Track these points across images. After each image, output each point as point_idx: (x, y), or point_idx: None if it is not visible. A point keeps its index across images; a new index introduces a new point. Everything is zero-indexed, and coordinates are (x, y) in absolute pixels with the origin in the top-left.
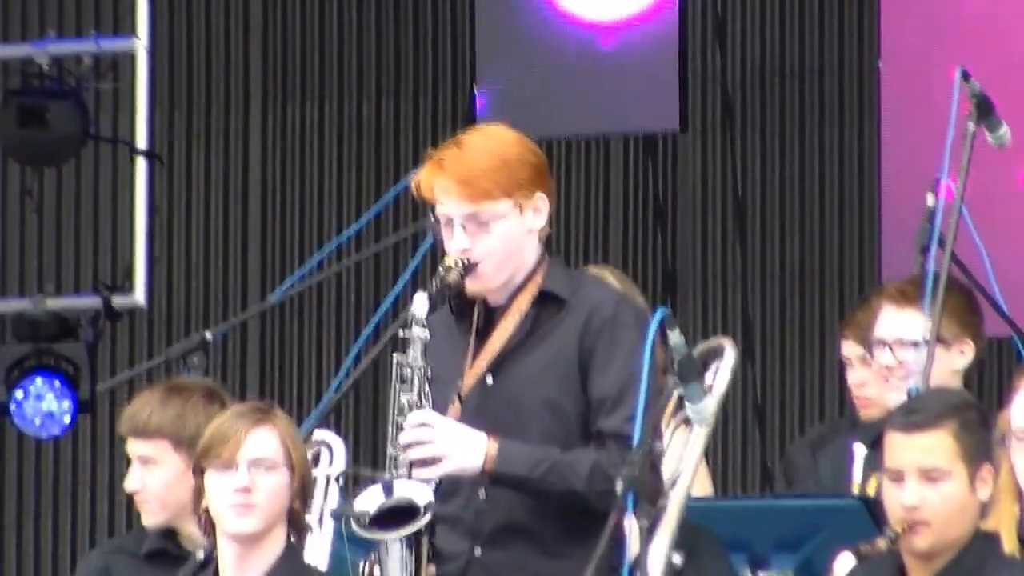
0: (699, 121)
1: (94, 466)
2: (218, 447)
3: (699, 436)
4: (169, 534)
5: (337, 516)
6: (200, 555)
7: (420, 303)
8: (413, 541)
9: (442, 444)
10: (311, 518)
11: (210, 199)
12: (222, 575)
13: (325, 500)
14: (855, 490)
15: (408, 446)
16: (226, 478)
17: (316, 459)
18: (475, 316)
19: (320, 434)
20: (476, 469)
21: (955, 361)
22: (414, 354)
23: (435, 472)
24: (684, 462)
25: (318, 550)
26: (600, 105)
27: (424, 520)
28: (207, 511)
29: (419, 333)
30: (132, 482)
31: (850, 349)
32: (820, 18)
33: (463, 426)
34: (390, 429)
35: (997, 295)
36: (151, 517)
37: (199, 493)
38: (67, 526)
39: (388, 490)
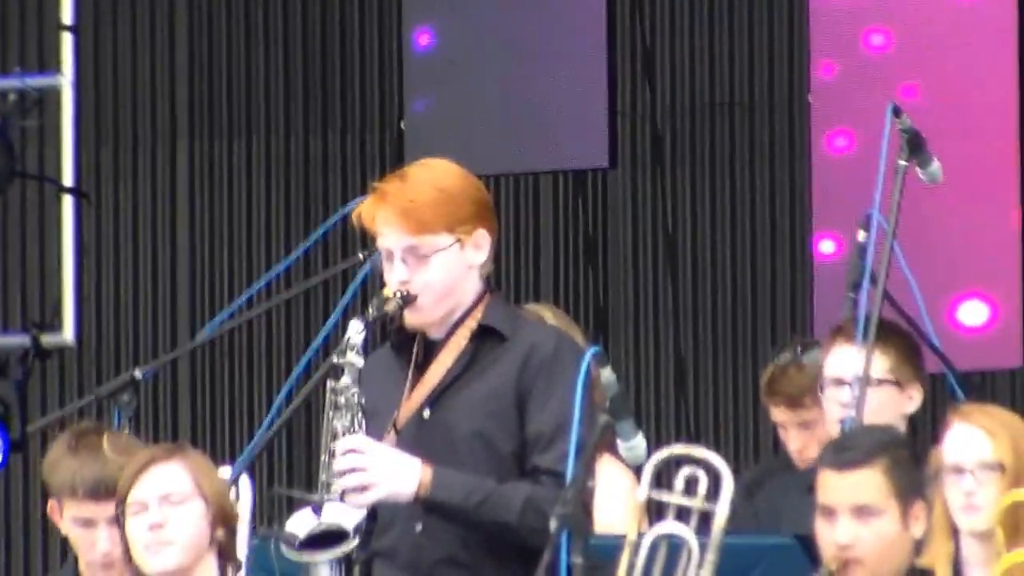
0: (628, 157)
1: (27, 506)
2: (127, 491)
3: (708, 564)
4: None
5: (268, 538)
6: None
7: (355, 330)
8: (343, 566)
9: (374, 470)
10: None
11: (138, 236)
12: None
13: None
14: None
15: (341, 473)
16: (140, 519)
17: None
18: (415, 350)
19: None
20: (409, 496)
21: (905, 405)
22: (347, 380)
23: (367, 499)
24: None
25: None
26: (529, 142)
27: (352, 544)
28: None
29: (353, 359)
30: (105, 544)
31: (781, 416)
32: (750, 52)
33: (396, 451)
34: (323, 456)
35: (930, 331)
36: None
37: (127, 544)
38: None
39: (318, 513)
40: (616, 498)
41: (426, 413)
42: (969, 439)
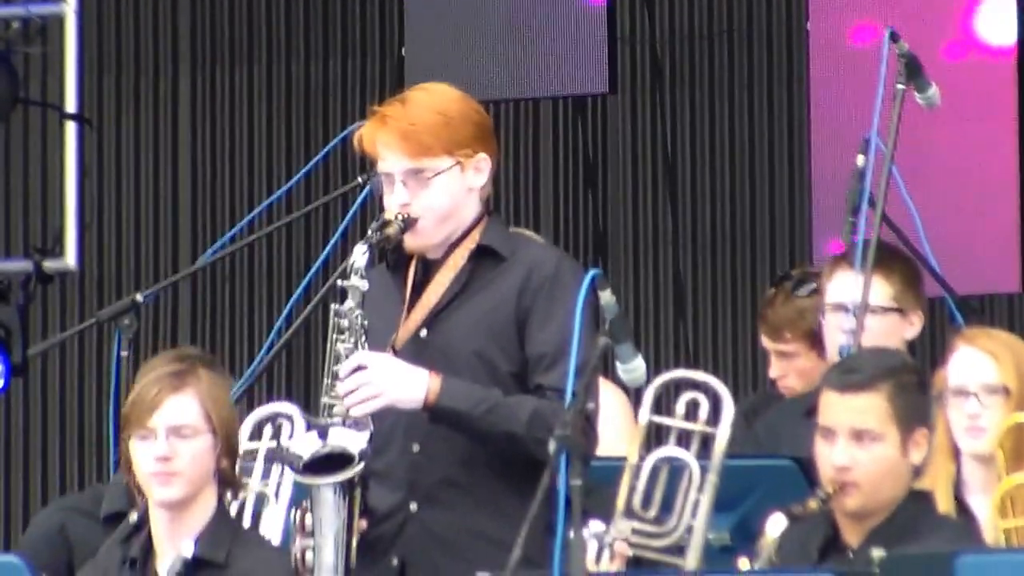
0: (628, 82)
1: (27, 429)
2: (137, 414)
3: (709, 486)
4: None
5: (270, 459)
6: (133, 517)
7: (359, 253)
8: (346, 490)
9: (380, 379)
10: (269, 490)
11: (140, 162)
12: (155, 538)
13: (283, 474)
14: None
15: (348, 394)
16: (146, 446)
17: (278, 432)
18: (411, 270)
19: (279, 406)
20: (418, 403)
21: (907, 331)
22: (351, 303)
23: (375, 405)
24: (697, 515)
25: (274, 522)
26: (530, 67)
27: (358, 468)
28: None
29: (357, 283)
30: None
31: (765, 342)
32: None
33: (402, 362)
34: (325, 379)
35: (929, 255)
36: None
37: (127, 460)
38: None
39: (323, 437)
40: (606, 419)
41: (423, 333)
42: (974, 362)
